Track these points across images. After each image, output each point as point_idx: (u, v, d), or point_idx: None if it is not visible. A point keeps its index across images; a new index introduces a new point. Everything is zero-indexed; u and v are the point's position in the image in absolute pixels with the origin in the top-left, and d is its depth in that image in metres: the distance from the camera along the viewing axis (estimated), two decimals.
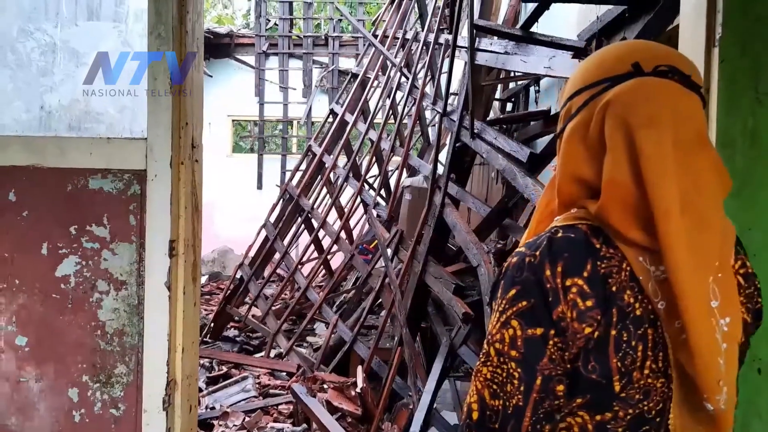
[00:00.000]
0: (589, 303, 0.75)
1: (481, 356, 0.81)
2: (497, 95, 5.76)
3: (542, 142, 4.53)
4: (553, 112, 4.21)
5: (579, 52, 3.21)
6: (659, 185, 0.76)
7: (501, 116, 5.66)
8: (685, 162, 0.77)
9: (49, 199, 1.82)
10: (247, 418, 4.09)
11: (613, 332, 0.76)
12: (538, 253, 0.79)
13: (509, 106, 6.12)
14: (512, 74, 4.74)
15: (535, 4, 3.52)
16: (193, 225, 1.90)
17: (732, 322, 0.79)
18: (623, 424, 0.78)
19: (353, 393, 3.99)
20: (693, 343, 0.75)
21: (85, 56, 1.95)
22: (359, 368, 4.23)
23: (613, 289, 0.76)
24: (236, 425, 4.02)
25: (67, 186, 1.81)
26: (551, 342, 0.76)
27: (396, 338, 4.21)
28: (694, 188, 0.77)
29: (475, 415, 0.78)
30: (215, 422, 4.06)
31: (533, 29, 3.79)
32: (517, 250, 0.84)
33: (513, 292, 0.78)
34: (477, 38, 4.01)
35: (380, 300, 5.02)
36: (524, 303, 0.77)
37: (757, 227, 1.47)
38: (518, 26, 4.39)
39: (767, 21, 1.49)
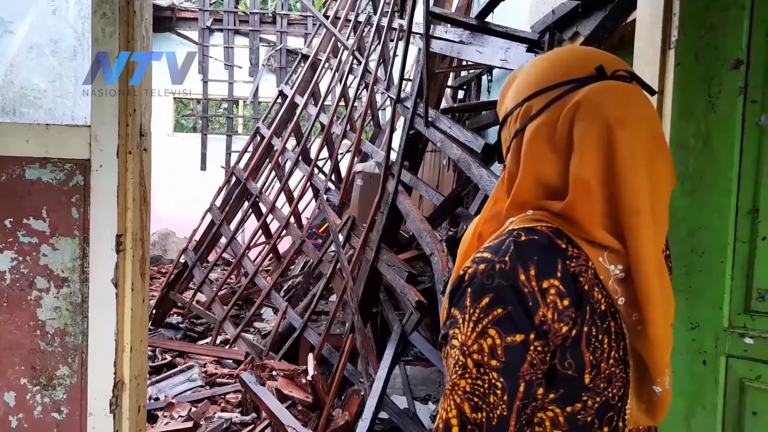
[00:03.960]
0: (566, 302, 0.76)
1: (456, 368, 0.77)
2: (449, 82, 5.77)
3: (493, 132, 4.59)
4: None
5: (533, 45, 3.25)
6: (632, 183, 0.78)
7: (454, 105, 5.68)
8: (650, 162, 0.80)
9: None
10: (193, 409, 3.99)
11: (585, 329, 0.78)
12: (507, 258, 0.78)
13: (461, 94, 6.15)
14: (465, 62, 4.75)
15: None
16: (142, 218, 1.80)
17: (669, 308, 0.84)
18: (592, 412, 0.80)
19: (304, 381, 3.96)
20: (652, 333, 0.80)
21: (12, 24, 1.80)
22: (310, 355, 4.20)
23: (585, 287, 0.78)
24: (182, 416, 3.91)
25: (1, 176, 1.66)
26: (532, 347, 0.75)
27: (347, 325, 4.20)
28: (655, 188, 0.81)
29: (455, 431, 0.76)
30: (160, 413, 3.93)
31: (488, 19, 3.80)
32: (478, 256, 0.81)
33: (486, 300, 0.77)
34: (432, 25, 3.98)
35: (330, 285, 4.99)
36: (500, 310, 0.76)
37: (707, 227, 1.54)
38: (472, 15, 4.39)
39: (720, 31, 1.54)
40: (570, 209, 0.80)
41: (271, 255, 6.75)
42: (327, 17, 6.86)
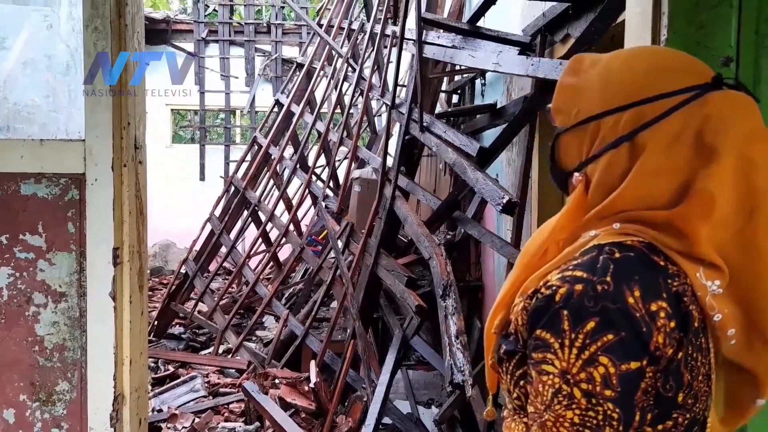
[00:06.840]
0: (672, 324, 0.73)
1: (560, 398, 0.73)
2: (443, 87, 5.78)
3: (488, 135, 4.60)
4: (499, 105, 4.27)
5: (525, 47, 3.26)
6: None
7: (449, 109, 5.69)
8: None
9: None
10: (196, 419, 3.98)
11: (686, 349, 0.75)
12: (609, 278, 0.73)
13: (455, 98, 6.16)
14: (458, 67, 4.77)
15: None
16: (138, 230, 1.80)
17: None
18: (681, 429, 0.78)
19: (307, 388, 3.95)
20: None
21: (6, 40, 1.81)
22: (312, 363, 4.19)
23: (690, 307, 0.75)
24: (186, 427, 3.91)
25: None
26: (646, 373, 0.72)
27: (349, 331, 4.19)
28: None
29: None
30: (163, 425, 3.93)
31: (479, 24, 3.81)
32: (569, 274, 0.76)
33: (592, 324, 0.71)
34: (424, 31, 4.00)
35: (331, 292, 4.99)
36: (611, 336, 0.71)
37: None
38: (464, 20, 4.41)
39: (709, 29, 1.55)
40: (681, 220, 0.76)
41: (271, 263, 6.75)
42: (321, 26, 6.89)
